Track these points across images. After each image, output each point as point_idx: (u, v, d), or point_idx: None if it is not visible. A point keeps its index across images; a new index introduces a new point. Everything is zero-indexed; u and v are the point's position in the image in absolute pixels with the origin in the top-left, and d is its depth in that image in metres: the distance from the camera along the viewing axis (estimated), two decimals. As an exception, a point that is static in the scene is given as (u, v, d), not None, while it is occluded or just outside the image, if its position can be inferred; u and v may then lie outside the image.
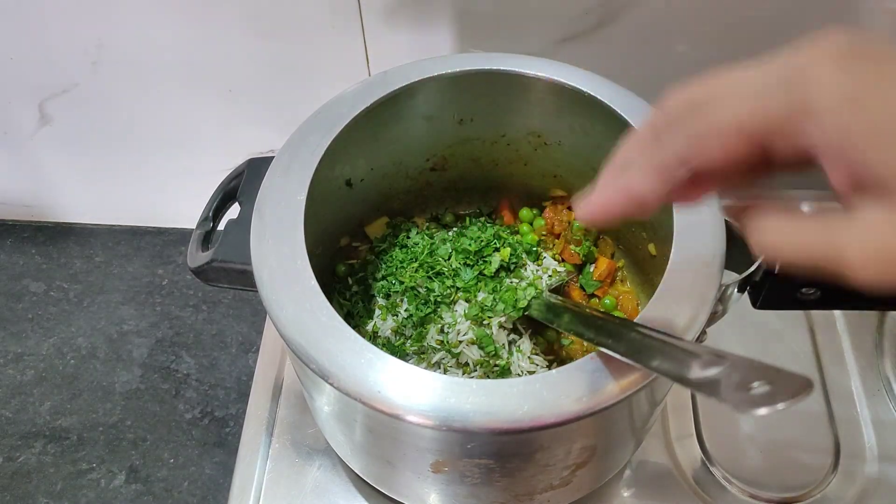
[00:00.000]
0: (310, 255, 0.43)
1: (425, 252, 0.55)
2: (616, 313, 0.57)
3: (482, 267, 0.54)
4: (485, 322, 0.52)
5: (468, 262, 0.55)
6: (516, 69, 0.52)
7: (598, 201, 0.30)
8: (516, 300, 0.52)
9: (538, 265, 0.57)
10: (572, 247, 0.59)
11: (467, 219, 0.62)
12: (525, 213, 0.62)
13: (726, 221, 0.44)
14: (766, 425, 0.61)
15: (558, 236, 0.60)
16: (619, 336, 0.39)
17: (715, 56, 0.64)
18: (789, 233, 0.26)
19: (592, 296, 0.59)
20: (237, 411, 0.75)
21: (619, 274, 0.61)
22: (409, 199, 0.62)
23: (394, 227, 0.61)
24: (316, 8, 0.64)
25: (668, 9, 0.62)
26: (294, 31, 0.67)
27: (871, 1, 0.60)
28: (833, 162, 0.24)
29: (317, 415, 0.52)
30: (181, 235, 0.90)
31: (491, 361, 0.51)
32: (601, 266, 0.59)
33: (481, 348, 0.51)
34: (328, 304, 0.41)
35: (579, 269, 0.60)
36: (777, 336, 0.66)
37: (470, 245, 0.55)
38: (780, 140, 0.25)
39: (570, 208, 0.61)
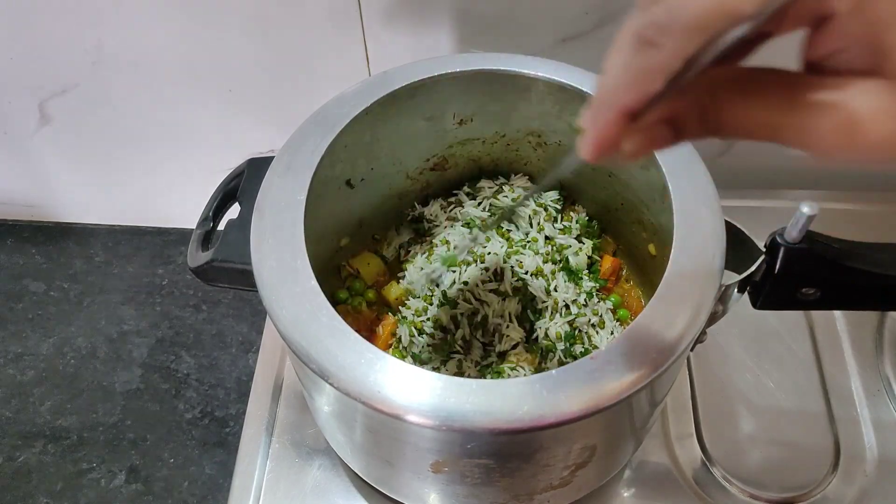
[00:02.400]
0: (310, 255, 0.43)
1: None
2: (622, 311, 0.57)
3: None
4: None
5: None
6: (516, 69, 0.52)
7: (592, 132, 0.25)
8: None
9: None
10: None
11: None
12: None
13: (726, 221, 0.44)
14: (767, 425, 0.61)
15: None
16: None
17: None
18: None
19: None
20: (237, 411, 0.75)
21: (624, 272, 0.61)
22: (410, 199, 0.62)
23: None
24: (316, 8, 0.64)
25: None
26: (294, 31, 0.67)
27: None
28: (849, 31, 0.22)
29: (317, 415, 0.52)
30: (181, 235, 0.90)
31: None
32: (606, 264, 0.59)
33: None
34: (328, 304, 0.41)
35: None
36: (777, 336, 0.66)
37: None
38: None
39: (573, 203, 0.62)
